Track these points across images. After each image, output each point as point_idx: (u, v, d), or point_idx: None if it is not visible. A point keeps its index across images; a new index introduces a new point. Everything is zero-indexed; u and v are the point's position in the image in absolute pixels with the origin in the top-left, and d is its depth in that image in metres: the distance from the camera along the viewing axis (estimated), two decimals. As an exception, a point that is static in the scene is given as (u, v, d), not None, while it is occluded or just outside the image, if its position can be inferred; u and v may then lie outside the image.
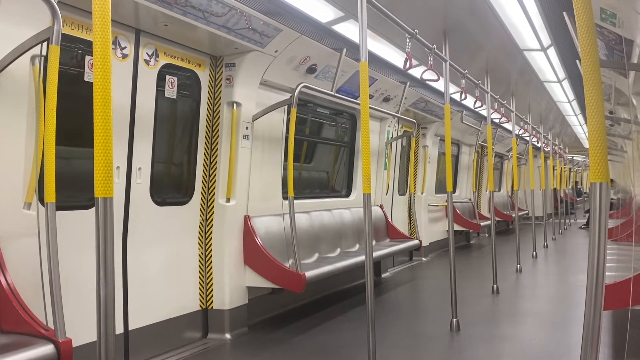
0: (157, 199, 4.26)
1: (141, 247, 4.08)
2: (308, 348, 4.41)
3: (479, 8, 4.89)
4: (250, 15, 4.10)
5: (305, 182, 7.03)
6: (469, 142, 11.91)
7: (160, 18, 3.77)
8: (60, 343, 2.61)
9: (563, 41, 5.86)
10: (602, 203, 1.76)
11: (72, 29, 3.47)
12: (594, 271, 1.77)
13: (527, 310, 5.80)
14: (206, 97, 4.70)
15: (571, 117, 12.43)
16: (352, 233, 6.67)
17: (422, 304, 6.56)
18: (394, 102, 7.25)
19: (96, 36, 1.97)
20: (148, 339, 4.11)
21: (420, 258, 9.32)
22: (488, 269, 6.71)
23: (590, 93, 1.79)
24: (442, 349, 4.41)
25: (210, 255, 4.70)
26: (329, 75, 5.59)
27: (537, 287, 7.30)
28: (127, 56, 3.90)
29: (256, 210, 5.04)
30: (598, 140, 1.77)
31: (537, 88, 8.77)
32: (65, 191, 3.55)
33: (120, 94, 3.84)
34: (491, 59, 6.78)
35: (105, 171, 1.95)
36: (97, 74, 1.97)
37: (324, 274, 5.07)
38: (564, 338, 4.51)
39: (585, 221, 16.45)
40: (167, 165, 4.71)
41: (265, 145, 5.31)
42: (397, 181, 8.59)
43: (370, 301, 3.30)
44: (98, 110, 1.96)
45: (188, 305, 4.54)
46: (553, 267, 9.22)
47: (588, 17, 1.80)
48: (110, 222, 1.96)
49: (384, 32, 5.09)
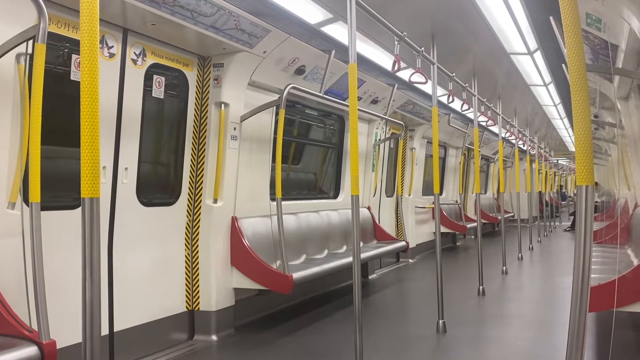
0: (144, 200, 4.23)
1: (127, 248, 4.05)
2: (295, 349, 4.40)
3: (467, 11, 4.93)
4: (239, 16, 4.09)
5: (293, 183, 7.02)
6: (456, 144, 11.98)
7: (148, 17, 3.74)
8: (44, 344, 2.58)
9: (549, 45, 5.92)
10: (587, 205, 1.78)
11: (58, 28, 3.43)
12: (580, 272, 1.79)
13: (512, 312, 5.84)
14: (194, 97, 4.68)
15: (557, 121, 12.57)
16: (339, 234, 6.68)
17: (408, 306, 6.58)
18: (382, 104, 7.27)
19: (83, 35, 1.95)
20: (134, 340, 4.07)
21: (407, 260, 9.35)
22: (474, 271, 6.75)
23: (577, 97, 1.81)
24: (428, 350, 4.43)
25: (197, 257, 4.67)
26: (317, 77, 5.59)
27: (523, 289, 7.36)
28: (114, 55, 3.87)
29: (244, 211, 5.03)
30: (584, 144, 1.79)
31: (524, 91, 8.85)
32: (51, 191, 3.51)
33: (107, 94, 3.80)
34: (478, 62, 6.83)
35: (92, 171, 1.93)
36: (84, 73, 1.95)
37: (311, 275, 5.07)
38: (549, 340, 4.55)
39: (570, 224, 16.62)
40: (154, 166, 4.68)
41: (253, 146, 5.30)
42: (384, 183, 8.62)
43: (357, 302, 3.30)
44: (85, 110, 1.94)
45: (174, 307, 4.51)
46: (538, 269, 9.29)
47: (575, 21, 1.82)
48: (96, 222, 1.94)
49: (372, 34, 5.11)
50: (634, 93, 6.07)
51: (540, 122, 12.75)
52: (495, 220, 13.62)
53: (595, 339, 4.37)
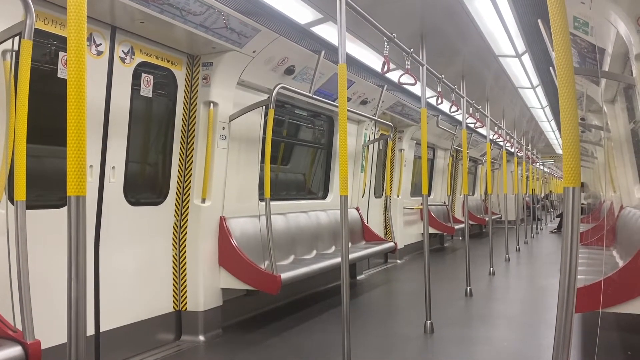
0: (131, 199, 4.20)
1: (114, 248, 4.01)
2: (283, 350, 4.39)
3: (456, 13, 4.95)
4: (229, 15, 4.07)
5: (282, 183, 7.01)
6: (444, 146, 12.03)
7: (136, 15, 3.71)
8: (28, 345, 2.55)
9: (537, 48, 5.97)
10: (574, 207, 1.79)
11: (45, 24, 3.39)
12: (567, 273, 1.80)
13: (499, 312, 5.87)
14: (182, 96, 4.65)
15: (544, 123, 12.68)
16: (328, 235, 6.67)
17: (396, 306, 6.59)
18: (371, 105, 7.28)
19: (71, 32, 1.93)
20: (120, 340, 4.04)
21: (395, 260, 9.38)
22: (462, 272, 6.78)
23: (565, 99, 1.82)
24: (416, 351, 4.44)
25: (185, 256, 4.64)
26: (307, 77, 5.59)
27: (510, 290, 7.41)
28: (102, 53, 3.84)
29: (232, 211, 5.01)
30: (571, 146, 1.81)
31: (511, 94, 8.92)
32: (36, 190, 3.48)
33: (94, 92, 3.77)
34: (467, 64, 6.87)
35: (78, 169, 1.90)
36: (71, 70, 1.93)
37: (299, 275, 5.06)
38: (535, 340, 4.59)
39: (557, 225, 16.76)
40: (142, 165, 4.64)
41: (242, 146, 5.28)
42: (373, 184, 8.63)
43: (345, 303, 3.30)
44: (72, 107, 1.91)
45: (161, 307, 4.48)
46: (525, 270, 9.36)
47: (563, 24, 1.83)
48: (82, 221, 1.92)
49: (362, 35, 5.11)
50: (620, 96, 6.15)
51: (527, 124, 12.86)
52: (483, 222, 13.70)
53: (581, 339, 4.41)
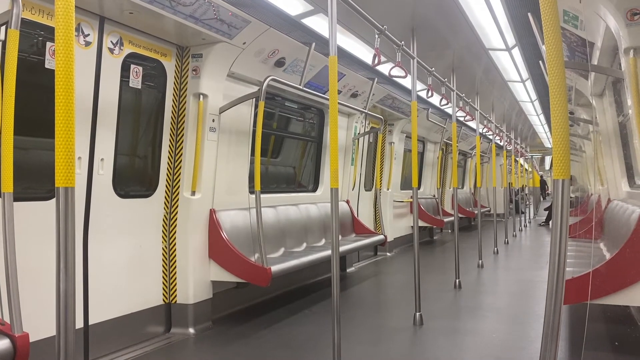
0: (120, 191, 4.17)
1: (103, 240, 3.99)
2: (273, 342, 4.40)
3: (447, 6, 4.95)
4: (219, 6, 4.04)
5: (272, 176, 7.00)
6: (434, 139, 12.07)
7: (125, 5, 3.67)
8: (16, 337, 2.53)
9: (527, 42, 5.99)
10: (564, 199, 1.81)
11: (32, 14, 3.35)
12: (555, 265, 1.81)
13: (488, 304, 5.92)
14: (172, 87, 4.62)
15: (533, 117, 12.74)
16: (318, 228, 6.68)
17: (386, 298, 6.62)
18: (362, 98, 7.28)
19: (58, 22, 1.90)
20: (109, 333, 4.02)
21: (384, 253, 9.41)
22: (451, 264, 6.82)
23: (555, 93, 1.83)
24: (405, 342, 4.47)
25: (174, 249, 4.63)
26: (297, 69, 5.57)
27: (498, 282, 7.46)
28: (90, 44, 3.79)
29: (222, 203, 4.99)
30: (561, 139, 1.81)
31: (501, 87, 8.95)
32: (24, 182, 3.44)
33: (82, 83, 3.73)
34: (457, 57, 6.88)
35: (67, 160, 1.89)
36: (59, 61, 1.90)
37: (289, 268, 5.06)
38: (524, 332, 4.63)
39: (545, 218, 16.90)
40: (131, 157, 4.61)
41: (232, 139, 5.26)
42: (363, 177, 8.64)
43: (335, 295, 3.31)
44: (60, 98, 1.89)
45: (151, 300, 4.47)
46: (513, 262, 9.44)
47: (554, 18, 1.84)
48: (71, 212, 1.90)
49: (353, 27, 5.10)
50: (608, 90, 6.19)
51: (517, 118, 12.92)
52: (472, 215, 13.79)
53: (569, 330, 4.46)
